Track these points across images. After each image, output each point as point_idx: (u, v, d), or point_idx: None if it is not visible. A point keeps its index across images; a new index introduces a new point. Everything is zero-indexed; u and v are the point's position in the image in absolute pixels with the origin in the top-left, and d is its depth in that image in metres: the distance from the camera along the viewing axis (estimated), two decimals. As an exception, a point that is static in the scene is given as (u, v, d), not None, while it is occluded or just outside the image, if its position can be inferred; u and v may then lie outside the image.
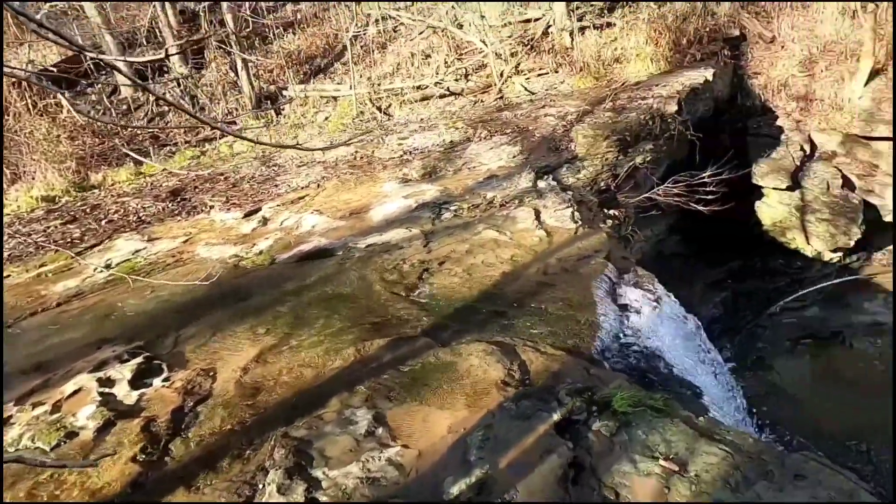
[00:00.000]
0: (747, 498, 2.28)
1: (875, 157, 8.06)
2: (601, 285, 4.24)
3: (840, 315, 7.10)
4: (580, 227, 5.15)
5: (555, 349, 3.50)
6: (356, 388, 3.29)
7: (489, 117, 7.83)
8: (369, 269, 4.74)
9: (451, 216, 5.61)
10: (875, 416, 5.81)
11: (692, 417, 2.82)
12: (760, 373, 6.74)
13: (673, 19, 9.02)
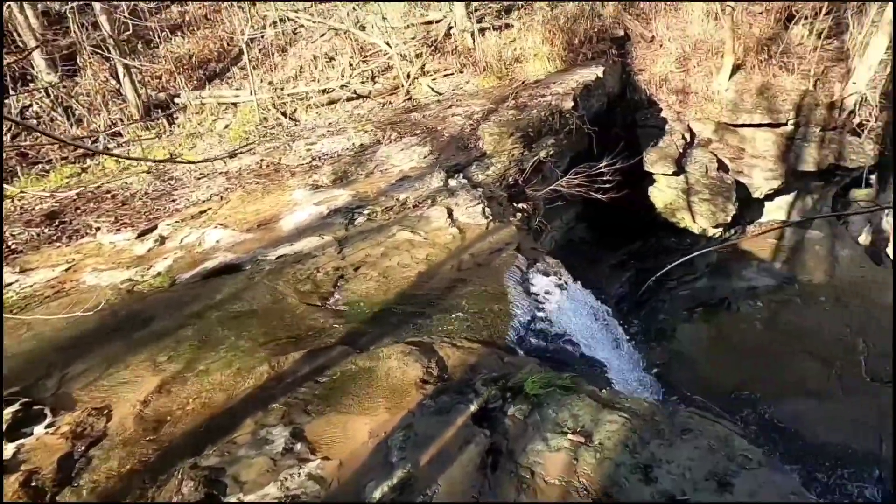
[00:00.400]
0: (644, 457, 2.51)
1: (742, 142, 9.14)
2: (513, 276, 4.42)
3: (724, 283, 7.98)
4: (491, 222, 5.33)
5: (471, 342, 3.61)
6: (271, 405, 3.17)
7: (398, 119, 7.84)
8: (281, 281, 4.57)
9: (365, 220, 5.55)
10: (757, 367, 6.62)
11: (596, 391, 3.04)
12: (664, 342, 7.39)
13: (565, 21, 9.58)
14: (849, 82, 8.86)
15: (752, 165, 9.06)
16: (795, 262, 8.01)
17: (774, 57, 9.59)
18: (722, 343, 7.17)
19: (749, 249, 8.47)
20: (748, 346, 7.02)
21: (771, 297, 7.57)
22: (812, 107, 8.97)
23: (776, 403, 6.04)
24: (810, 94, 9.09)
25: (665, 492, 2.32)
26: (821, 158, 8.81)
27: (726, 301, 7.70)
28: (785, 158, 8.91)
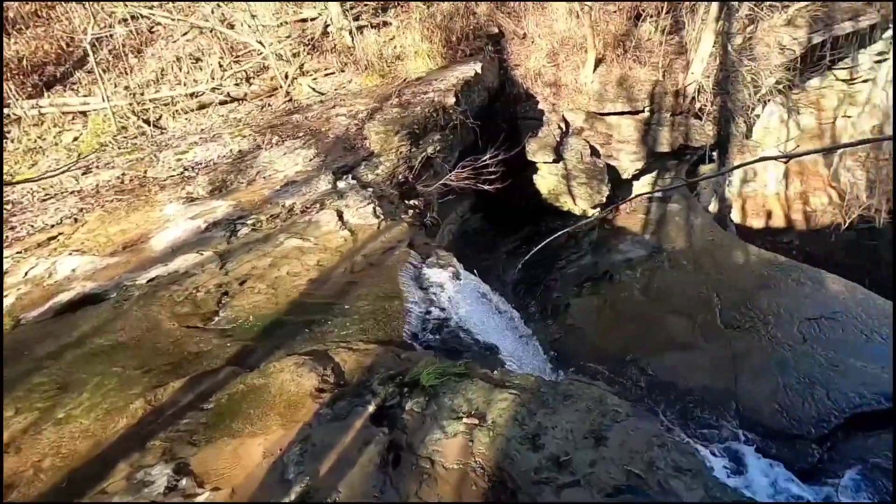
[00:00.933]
0: (532, 427, 2.69)
1: (609, 129, 10.08)
2: (406, 273, 4.47)
3: (605, 258, 8.78)
4: (383, 222, 5.33)
5: (367, 344, 3.59)
6: (150, 443, 2.89)
7: (279, 122, 7.49)
8: (155, 307, 4.16)
9: (249, 231, 5.25)
10: (637, 329, 7.39)
11: (489, 373, 3.19)
12: (558, 317, 7.96)
13: (441, 18, 9.80)
14: (688, 73, 10.16)
15: (619, 150, 10.04)
16: (661, 233, 9.05)
17: (629, 51, 10.69)
18: (607, 312, 7.90)
19: (623, 225, 9.41)
20: (628, 311, 7.81)
21: (644, 265, 8.49)
22: (662, 95, 10.15)
23: (654, 359, 6.80)
24: (660, 83, 10.27)
25: (551, 455, 2.52)
26: (673, 140, 10.02)
27: (608, 273, 8.48)
28: (645, 142, 10.00)
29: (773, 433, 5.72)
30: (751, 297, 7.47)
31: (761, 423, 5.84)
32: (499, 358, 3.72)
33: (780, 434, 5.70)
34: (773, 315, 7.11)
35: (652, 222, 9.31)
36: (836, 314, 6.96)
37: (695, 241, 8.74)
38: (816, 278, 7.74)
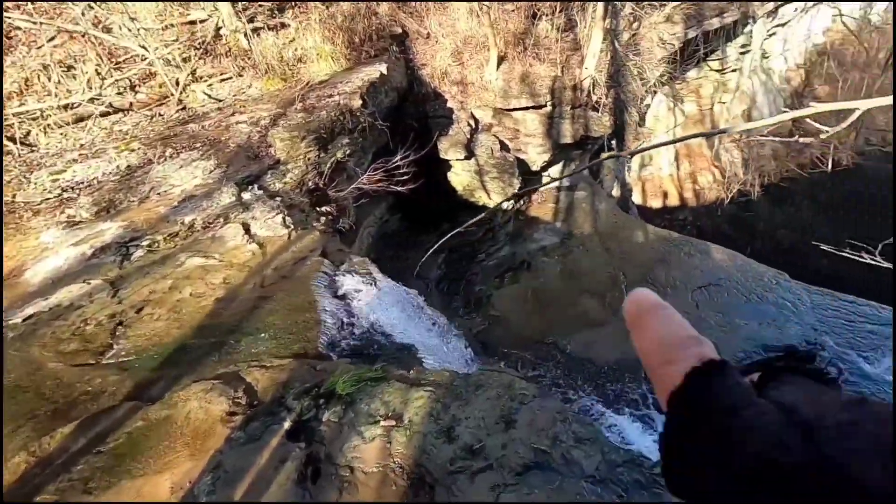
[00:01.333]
0: (446, 420, 2.78)
1: (516, 124, 10.51)
2: (320, 282, 4.39)
3: (522, 247, 9.17)
4: (293, 231, 5.19)
5: (281, 359, 3.50)
6: (37, 498, 2.62)
7: (173, 132, 6.99)
8: (35, 346, 3.75)
9: (145, 253, 4.88)
10: (555, 312, 7.83)
11: (405, 374, 3.25)
12: (483, 309, 8.21)
13: (342, 19, 9.65)
14: (583, 68, 10.83)
15: (527, 143, 10.51)
16: (570, 220, 9.62)
17: (529, 49, 11.19)
18: (527, 298, 8.27)
19: (536, 215, 9.88)
20: (547, 296, 8.24)
21: (557, 251, 8.99)
22: (562, 90, 10.75)
23: (571, 338, 7.25)
24: (559, 79, 10.86)
25: (465, 445, 2.62)
26: (575, 131, 10.66)
27: (525, 262, 8.88)
28: (550, 134, 10.55)
29: (676, 393, 6.34)
30: (651, 271, 8.19)
31: (666, 386, 6.44)
32: (417, 357, 3.78)
33: (682, 393, 6.33)
34: (671, 286, 7.85)
35: (562, 210, 9.86)
36: (721, 280, 7.83)
37: (601, 224, 9.38)
38: (704, 250, 8.65)
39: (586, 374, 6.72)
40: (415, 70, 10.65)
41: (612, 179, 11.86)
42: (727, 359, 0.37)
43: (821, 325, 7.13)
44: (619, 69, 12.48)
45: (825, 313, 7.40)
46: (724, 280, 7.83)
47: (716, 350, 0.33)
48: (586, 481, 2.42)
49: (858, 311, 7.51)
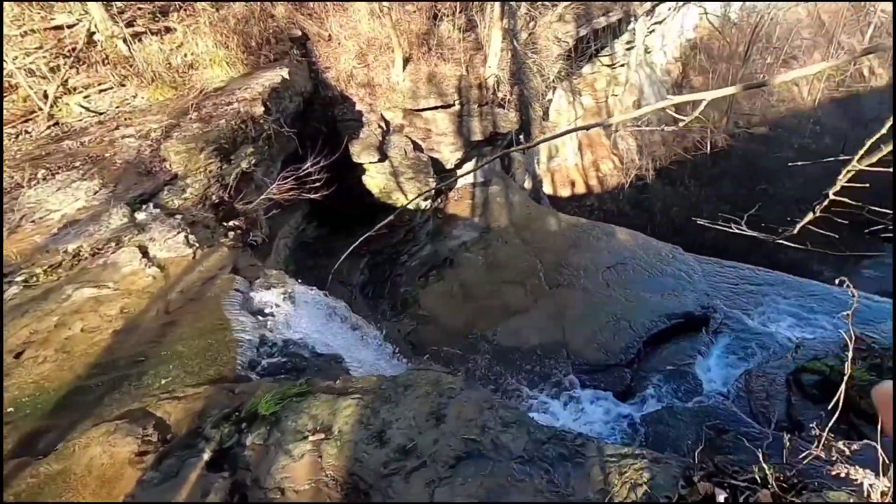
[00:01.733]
0: (377, 425, 2.77)
1: (427, 124, 10.62)
2: (233, 301, 4.16)
3: (443, 245, 9.31)
4: (198, 250, 4.86)
5: (196, 387, 3.27)
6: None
7: (45, 151, 6.22)
8: None
9: (21, 289, 4.32)
10: (480, 305, 8.05)
11: (332, 384, 3.18)
12: (410, 310, 8.23)
13: (235, 22, 9.15)
14: (486, 66, 11.19)
15: (439, 142, 10.66)
16: (487, 214, 9.92)
17: (433, 49, 11.33)
18: (453, 294, 8.43)
19: (454, 213, 10.07)
20: (471, 290, 8.45)
21: (477, 245, 9.24)
22: (468, 88, 11.02)
23: (498, 328, 7.51)
24: (464, 78, 11.12)
25: (397, 446, 2.63)
26: (484, 128, 10.98)
27: (448, 259, 9.03)
28: (461, 133, 10.79)
29: (596, 369, 6.81)
30: (565, 257, 8.70)
31: (587, 363, 6.89)
32: (344, 366, 3.72)
33: (601, 368, 6.81)
34: (583, 269, 8.39)
35: (478, 206, 10.14)
36: (626, 259, 8.52)
37: (516, 216, 9.78)
38: (610, 232, 9.35)
39: (513, 362, 7.00)
40: (319, 73, 10.37)
41: (524, 172, 12.41)
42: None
43: (711, 290, 8.01)
44: (521, 67, 13.07)
45: (714, 279, 8.32)
46: (629, 258, 8.52)
47: None
48: (516, 462, 2.53)
49: (740, 275, 8.53)
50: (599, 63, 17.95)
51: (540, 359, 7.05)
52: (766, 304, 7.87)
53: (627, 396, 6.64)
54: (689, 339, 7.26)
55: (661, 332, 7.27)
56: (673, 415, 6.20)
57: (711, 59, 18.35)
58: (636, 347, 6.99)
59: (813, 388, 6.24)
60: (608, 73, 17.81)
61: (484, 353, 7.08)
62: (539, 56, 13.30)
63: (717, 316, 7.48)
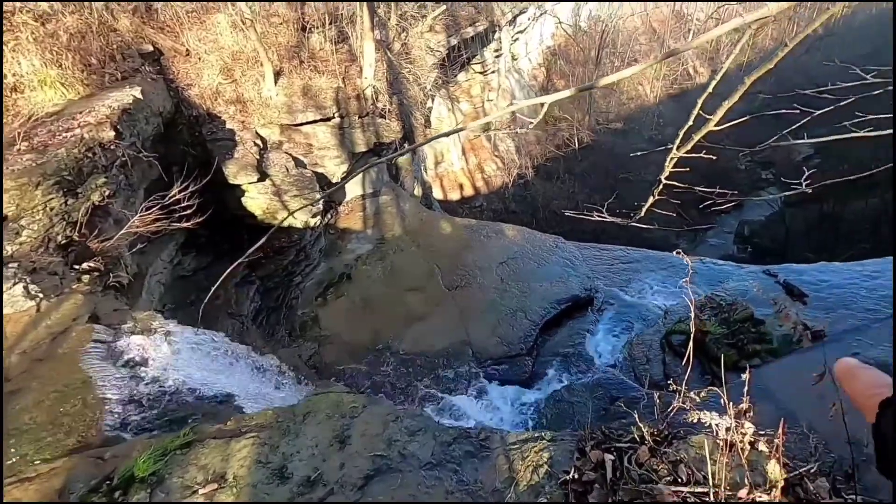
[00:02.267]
0: (276, 461, 2.61)
1: (308, 139, 10.29)
2: (94, 354, 3.64)
3: (338, 260, 9.08)
4: (43, 301, 4.18)
5: (52, 462, 2.80)
6: None
7: None
8: None
9: None
10: (383, 316, 7.98)
11: (222, 427, 2.92)
12: (311, 332, 7.89)
13: (68, 38, 8.05)
14: (363, 77, 11.16)
15: (322, 156, 10.39)
16: (380, 224, 9.88)
17: (306, 62, 11.03)
18: (355, 309, 8.25)
19: (346, 226, 9.87)
20: (373, 302, 8.33)
21: (374, 257, 9.15)
22: (346, 100, 10.89)
23: (402, 337, 7.50)
24: (342, 90, 10.98)
25: (301, 479, 2.50)
26: (367, 139, 10.93)
27: (345, 274, 8.82)
28: (344, 145, 10.62)
29: (499, 361, 7.11)
30: (460, 258, 8.97)
31: (491, 357, 7.17)
32: (236, 405, 3.44)
33: (505, 359, 7.13)
34: (478, 268, 8.72)
35: (370, 217, 10.05)
36: (516, 254, 9.03)
37: (408, 224, 9.86)
38: (499, 230, 9.84)
39: (421, 368, 7.04)
40: (180, 91, 9.52)
41: (412, 180, 12.57)
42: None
43: (592, 273, 8.80)
44: (397, 77, 13.24)
45: (593, 263, 9.17)
46: (518, 253, 9.04)
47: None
48: (425, 469, 2.54)
49: (614, 256, 9.49)
50: (472, 71, 18.86)
51: (447, 360, 7.17)
52: (637, 280, 8.85)
53: (531, 382, 7.02)
54: (578, 320, 7.89)
55: (554, 317, 7.81)
56: (572, 392, 6.69)
57: (570, 63, 20.24)
58: (534, 335, 7.43)
59: (681, 347, 7.15)
60: (481, 79, 18.78)
61: (391, 364, 7.02)
62: (414, 66, 13.60)
63: (599, 296, 8.23)
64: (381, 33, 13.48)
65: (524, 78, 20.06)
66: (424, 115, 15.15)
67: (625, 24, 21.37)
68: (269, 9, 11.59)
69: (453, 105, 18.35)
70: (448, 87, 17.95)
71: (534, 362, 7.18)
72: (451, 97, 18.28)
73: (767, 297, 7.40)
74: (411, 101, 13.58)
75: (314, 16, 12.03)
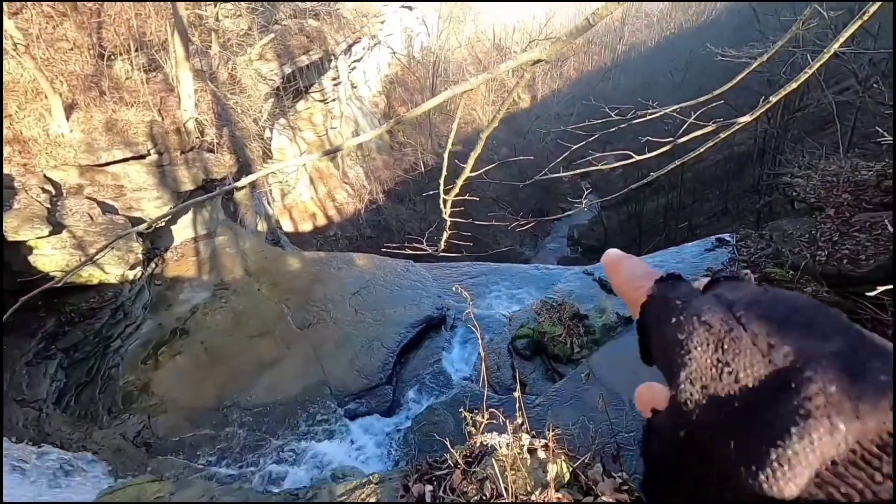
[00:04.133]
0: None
1: (117, 180, 9.02)
2: None
3: (168, 314, 8.06)
4: None
5: None
6: None
7: None
8: None
9: None
10: (229, 369, 7.26)
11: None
12: (139, 402, 6.81)
13: None
14: (182, 110, 10.22)
15: (139, 199, 9.20)
16: (218, 268, 9.05)
17: (108, 93, 9.72)
18: (194, 367, 7.36)
19: (177, 275, 8.83)
20: (216, 354, 7.54)
21: (213, 305, 8.32)
22: (164, 134, 9.84)
23: (252, 389, 6.91)
24: (158, 123, 9.90)
25: None
26: (193, 176, 9.99)
27: (179, 329, 7.85)
28: (166, 184, 9.54)
29: (359, 396, 6.97)
30: (310, 294, 8.63)
31: (350, 393, 6.99)
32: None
33: (364, 393, 7.00)
34: (331, 302, 8.49)
35: (206, 261, 9.16)
36: (368, 283, 9.00)
37: (251, 264, 9.21)
38: (349, 260, 9.72)
39: (277, 418, 6.56)
40: (-75, 132, 7.64)
41: (254, 216, 11.80)
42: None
43: (443, 291, 9.19)
44: (226, 108, 12.40)
45: (443, 281, 9.58)
46: (370, 281, 9.04)
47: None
48: (249, 547, 2.34)
49: (462, 272, 10.05)
50: (312, 99, 18.57)
51: (303, 405, 6.80)
52: (485, 292, 9.49)
53: (394, 411, 7.01)
54: (434, 340, 8.15)
55: (410, 340, 7.94)
56: (434, 413, 6.84)
57: (408, 91, 21.16)
58: (392, 363, 7.45)
59: (525, 350, 7.84)
60: (322, 107, 18.59)
61: (241, 423, 6.40)
62: (244, 96, 12.89)
63: (451, 313, 8.61)
64: (203, 62, 12.53)
65: (366, 105, 20.39)
66: (264, 146, 14.41)
67: (454, 54, 23.13)
68: (54, 33, 10.02)
69: (295, 134, 17.83)
70: (287, 116, 17.39)
71: (394, 390, 7.18)
72: (293, 126, 17.75)
73: (588, 294, 8.52)
74: (244, 132, 12.81)
75: (114, 41, 10.73)
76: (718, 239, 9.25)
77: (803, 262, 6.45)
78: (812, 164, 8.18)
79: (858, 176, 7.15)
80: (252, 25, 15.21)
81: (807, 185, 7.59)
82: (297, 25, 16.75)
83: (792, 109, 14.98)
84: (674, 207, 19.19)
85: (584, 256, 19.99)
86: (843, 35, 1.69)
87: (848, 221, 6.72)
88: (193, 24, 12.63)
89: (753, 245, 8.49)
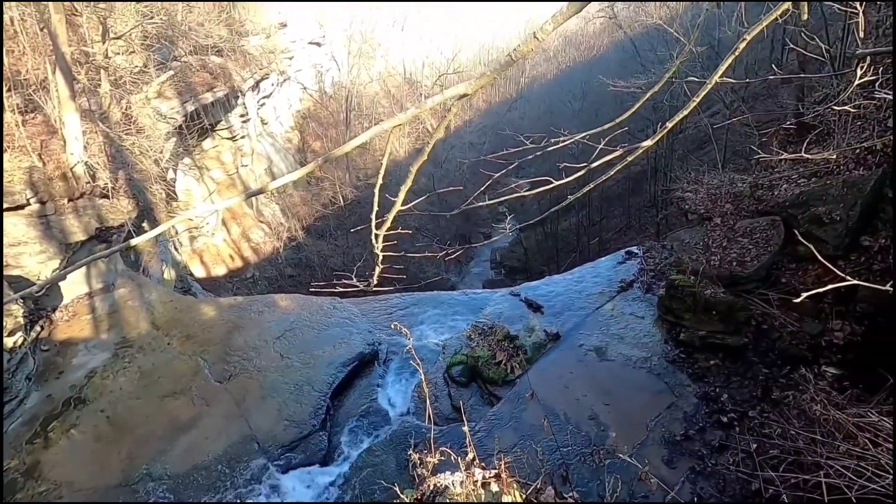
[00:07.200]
0: None
1: None
2: None
3: (61, 382, 7.09)
4: None
5: None
6: None
7: None
8: None
9: None
10: (137, 438, 6.46)
11: None
12: (25, 492, 5.83)
13: None
14: (68, 154, 9.26)
15: (18, 254, 8.14)
16: (119, 325, 8.14)
17: (-27, 138, 8.57)
18: (97, 438, 6.46)
19: (69, 337, 7.82)
20: (122, 420, 6.69)
21: (114, 367, 7.43)
22: (47, 181, 8.85)
23: (165, 456, 6.19)
24: (38, 169, 8.89)
25: None
26: (86, 225, 9.02)
27: (73, 398, 6.89)
28: (51, 235, 8.53)
29: (292, 446, 6.50)
30: (229, 343, 8.01)
31: (281, 444, 6.49)
32: None
33: (297, 442, 6.55)
34: (253, 349, 7.93)
35: (103, 318, 8.21)
36: (292, 324, 8.56)
37: (158, 316, 8.40)
38: (270, 303, 9.20)
39: (197, 485, 5.91)
40: None
41: (159, 263, 10.85)
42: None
43: (373, 325, 8.97)
44: (122, 149, 11.43)
45: (373, 315, 9.37)
46: (295, 322, 8.61)
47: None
48: None
49: (391, 304, 9.91)
50: (219, 137, 17.74)
51: (229, 465, 6.20)
52: (416, 323, 9.40)
53: (330, 458, 6.62)
54: (368, 377, 7.88)
55: (343, 381, 7.61)
56: (373, 453, 6.56)
57: (322, 126, 20.96)
58: (324, 406, 7.07)
59: (461, 377, 7.82)
60: (231, 145, 17.81)
61: (156, 495, 5.67)
62: (142, 136, 11.99)
63: (383, 347, 8.41)
64: (93, 101, 11.52)
65: (278, 141, 19.85)
66: (165, 188, 13.41)
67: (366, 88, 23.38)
68: None
69: (203, 174, 16.85)
70: (193, 155, 16.42)
71: (329, 435, 6.79)
72: (199, 166, 16.77)
73: (516, 314, 8.76)
74: (143, 174, 11.86)
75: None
76: (628, 251, 10.02)
77: (700, 267, 7.16)
78: (699, 179, 9.20)
79: (736, 188, 8.16)
80: (147, 62, 14.34)
81: (696, 197, 8.50)
82: (198, 62, 16.05)
83: (676, 132, 16.90)
84: (584, 225, 20.57)
85: (508, 277, 20.67)
86: (722, 67, 1.95)
87: (732, 228, 7.60)
88: (79, 62, 11.65)
89: (658, 255, 9.30)
